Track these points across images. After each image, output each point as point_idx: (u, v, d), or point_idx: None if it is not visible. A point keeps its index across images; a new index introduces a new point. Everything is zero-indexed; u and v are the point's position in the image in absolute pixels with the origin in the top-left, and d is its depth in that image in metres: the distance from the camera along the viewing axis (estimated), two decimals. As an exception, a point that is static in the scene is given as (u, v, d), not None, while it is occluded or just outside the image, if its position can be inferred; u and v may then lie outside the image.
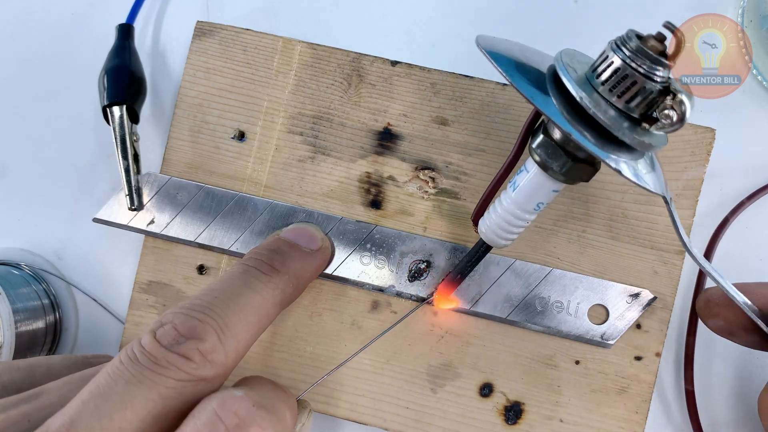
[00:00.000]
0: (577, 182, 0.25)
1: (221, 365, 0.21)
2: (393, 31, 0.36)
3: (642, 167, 0.23)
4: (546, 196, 0.26)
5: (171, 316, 0.21)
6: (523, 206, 0.26)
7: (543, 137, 0.24)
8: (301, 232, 0.30)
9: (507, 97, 0.32)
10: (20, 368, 0.23)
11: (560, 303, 0.31)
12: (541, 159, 0.25)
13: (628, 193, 0.32)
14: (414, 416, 0.31)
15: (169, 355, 0.20)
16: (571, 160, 0.24)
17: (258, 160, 0.33)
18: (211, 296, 0.23)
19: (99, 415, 0.18)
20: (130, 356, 0.20)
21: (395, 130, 0.33)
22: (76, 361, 0.25)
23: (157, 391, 0.19)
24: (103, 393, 0.19)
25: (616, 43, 0.22)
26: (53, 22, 0.37)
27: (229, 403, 0.19)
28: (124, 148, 0.32)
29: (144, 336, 0.21)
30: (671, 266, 0.31)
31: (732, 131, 0.33)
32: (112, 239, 0.35)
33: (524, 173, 0.26)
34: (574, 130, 0.22)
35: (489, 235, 0.27)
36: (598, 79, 0.22)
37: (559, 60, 0.23)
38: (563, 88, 0.22)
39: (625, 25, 0.24)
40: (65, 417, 0.18)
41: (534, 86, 0.22)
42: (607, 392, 0.31)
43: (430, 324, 0.32)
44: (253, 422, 0.19)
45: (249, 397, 0.20)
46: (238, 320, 0.22)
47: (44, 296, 0.34)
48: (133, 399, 0.19)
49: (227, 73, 0.34)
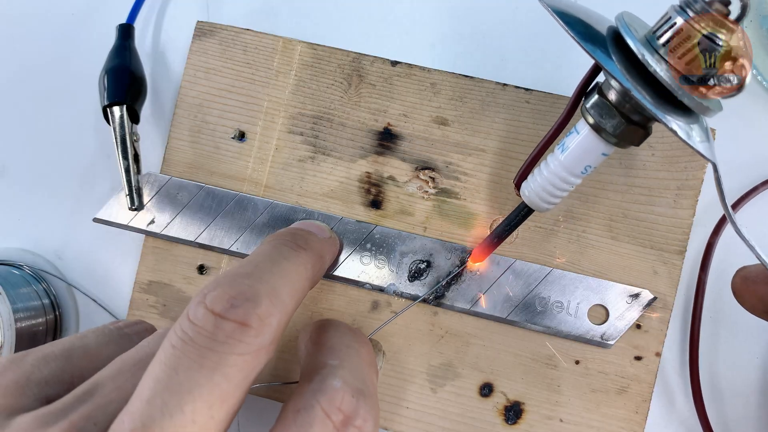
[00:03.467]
0: (628, 146, 0.25)
1: (276, 331, 0.20)
2: (393, 31, 0.36)
3: (696, 134, 0.23)
4: (595, 159, 0.25)
5: (215, 285, 0.19)
6: (571, 169, 0.26)
7: (598, 97, 0.24)
8: (311, 224, 0.30)
9: (507, 97, 0.32)
10: (57, 356, 0.21)
11: (560, 303, 0.31)
12: (594, 120, 0.24)
13: (628, 193, 0.32)
14: (414, 416, 0.31)
15: (226, 324, 0.18)
16: (625, 122, 0.24)
17: (258, 160, 0.33)
18: (251, 265, 0.22)
19: (169, 413, 0.17)
20: (183, 338, 0.18)
21: (395, 130, 0.33)
22: (111, 334, 0.23)
23: (221, 373, 0.18)
24: (166, 387, 0.17)
25: (681, 5, 0.22)
26: (53, 22, 0.37)
27: (334, 400, 0.20)
28: (125, 148, 0.32)
29: (192, 308, 0.19)
30: (671, 266, 0.31)
31: (732, 131, 0.33)
32: (112, 239, 0.35)
33: (574, 135, 0.25)
34: (633, 87, 0.22)
35: (532, 198, 0.27)
36: (659, 40, 0.22)
37: (621, 19, 0.23)
38: (624, 49, 0.22)
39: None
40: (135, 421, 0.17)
41: (595, 45, 0.22)
42: (607, 392, 0.31)
43: (430, 324, 0.32)
44: (357, 416, 0.20)
45: (348, 385, 0.20)
46: (283, 284, 0.21)
47: (44, 296, 0.34)
48: (199, 387, 0.17)
49: (227, 73, 0.34)
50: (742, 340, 0.33)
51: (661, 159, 0.32)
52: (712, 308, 0.33)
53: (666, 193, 0.31)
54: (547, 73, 0.35)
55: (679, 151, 0.31)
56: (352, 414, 0.20)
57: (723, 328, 0.33)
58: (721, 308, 0.33)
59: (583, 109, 0.25)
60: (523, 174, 0.28)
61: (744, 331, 0.33)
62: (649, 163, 0.32)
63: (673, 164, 0.31)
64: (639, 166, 0.32)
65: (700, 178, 0.31)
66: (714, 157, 0.23)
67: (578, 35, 0.22)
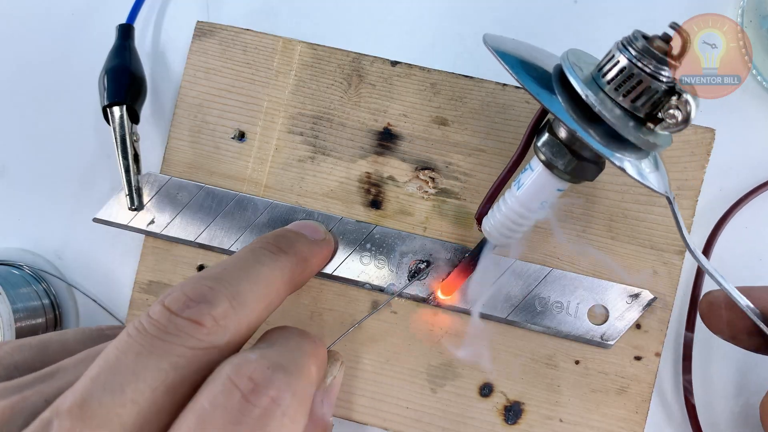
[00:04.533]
0: (582, 181, 0.25)
1: (234, 332, 0.20)
2: (393, 31, 0.36)
3: (646, 166, 0.23)
4: (550, 195, 0.26)
5: (180, 286, 0.21)
6: (527, 205, 0.26)
7: (548, 136, 0.25)
8: (305, 225, 0.30)
9: (507, 97, 0.32)
10: (32, 346, 0.22)
11: (560, 303, 0.31)
12: (546, 158, 0.25)
13: (628, 193, 0.32)
14: (414, 416, 0.31)
15: (179, 320, 0.19)
16: (576, 159, 0.24)
17: (258, 160, 0.33)
18: (220, 268, 0.22)
19: (110, 389, 0.17)
20: (138, 328, 0.19)
21: (395, 130, 0.33)
22: (91, 334, 0.24)
23: (168, 361, 0.18)
24: (112, 367, 0.18)
25: (623, 43, 0.22)
26: (53, 22, 0.37)
27: (243, 368, 0.19)
28: (124, 148, 0.32)
29: (153, 306, 0.20)
30: (671, 266, 0.31)
31: (732, 131, 0.33)
32: (112, 239, 0.35)
33: (529, 172, 0.26)
34: (579, 127, 0.22)
35: (493, 233, 0.28)
36: (604, 78, 0.22)
37: (565, 59, 0.23)
38: (569, 88, 0.22)
39: (625, 25, 0.24)
40: (76, 394, 0.17)
41: (541, 85, 0.23)
42: (607, 392, 0.31)
43: (430, 324, 0.32)
44: (270, 385, 0.19)
45: (265, 358, 0.19)
46: (249, 290, 0.22)
47: (44, 296, 0.34)
48: (144, 370, 0.18)
49: (227, 73, 0.34)
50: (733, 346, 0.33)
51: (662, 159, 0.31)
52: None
53: (666, 193, 0.31)
54: (547, 73, 0.35)
55: (679, 151, 0.31)
56: (265, 383, 0.18)
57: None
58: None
59: (535, 146, 0.25)
60: (483, 209, 0.28)
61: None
62: (649, 163, 0.32)
63: (673, 164, 0.31)
64: (639, 166, 0.32)
65: (700, 178, 0.31)
66: (667, 189, 0.23)
67: (524, 79, 0.22)
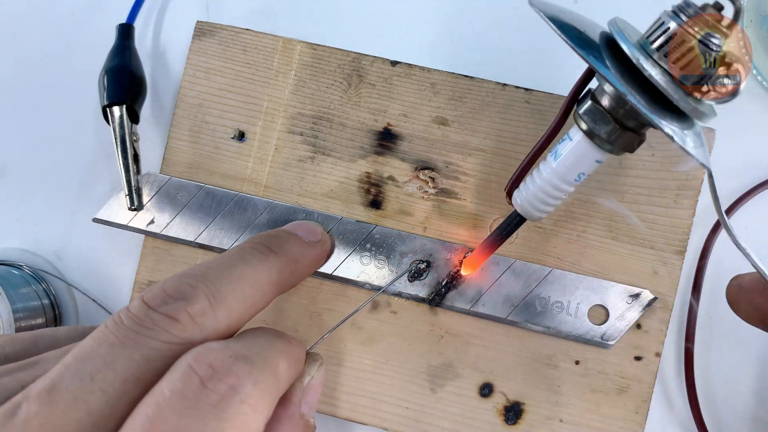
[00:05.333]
0: (622, 152, 0.25)
1: (212, 330, 0.20)
2: (393, 31, 0.36)
3: (690, 139, 0.23)
4: (589, 167, 0.25)
5: (162, 282, 0.21)
6: (563, 176, 0.25)
7: (591, 103, 0.24)
8: (301, 225, 0.30)
9: (507, 97, 0.32)
10: (24, 340, 0.22)
11: (560, 303, 0.31)
12: (588, 126, 0.24)
13: (628, 193, 0.32)
14: (414, 416, 0.31)
15: (155, 315, 0.19)
16: (619, 128, 0.24)
17: (258, 160, 0.33)
18: (204, 267, 0.22)
19: (80, 377, 0.18)
20: (116, 320, 0.19)
21: (395, 130, 0.33)
22: (83, 331, 0.24)
23: (140, 353, 0.19)
24: (85, 356, 0.18)
25: (673, 10, 0.22)
26: (53, 22, 0.37)
27: (204, 355, 0.19)
28: (124, 148, 0.32)
29: (132, 301, 0.20)
30: (671, 266, 0.31)
31: (732, 131, 0.33)
32: (112, 239, 0.35)
33: (567, 141, 0.25)
34: (628, 91, 0.21)
35: (524, 207, 0.27)
36: (652, 45, 0.22)
37: (614, 25, 0.23)
38: (617, 54, 0.22)
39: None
40: (46, 381, 0.18)
41: (589, 50, 0.22)
42: (607, 392, 0.31)
43: (430, 324, 0.32)
44: (230, 373, 0.19)
45: (228, 348, 0.20)
46: (231, 290, 0.22)
47: (44, 296, 0.34)
48: (116, 361, 0.18)
49: (227, 73, 0.34)
50: (737, 341, 0.33)
51: (661, 159, 0.32)
52: (711, 308, 0.33)
53: (666, 193, 0.31)
54: (547, 73, 0.35)
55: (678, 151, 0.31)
56: (224, 371, 0.19)
57: (719, 328, 0.33)
58: (717, 309, 0.33)
59: (575, 115, 0.25)
60: (515, 182, 0.28)
61: (741, 331, 0.33)
62: (649, 163, 0.32)
63: (673, 164, 0.31)
64: (639, 166, 0.32)
65: (700, 178, 0.31)
66: (709, 164, 0.23)
67: (572, 40, 0.22)
